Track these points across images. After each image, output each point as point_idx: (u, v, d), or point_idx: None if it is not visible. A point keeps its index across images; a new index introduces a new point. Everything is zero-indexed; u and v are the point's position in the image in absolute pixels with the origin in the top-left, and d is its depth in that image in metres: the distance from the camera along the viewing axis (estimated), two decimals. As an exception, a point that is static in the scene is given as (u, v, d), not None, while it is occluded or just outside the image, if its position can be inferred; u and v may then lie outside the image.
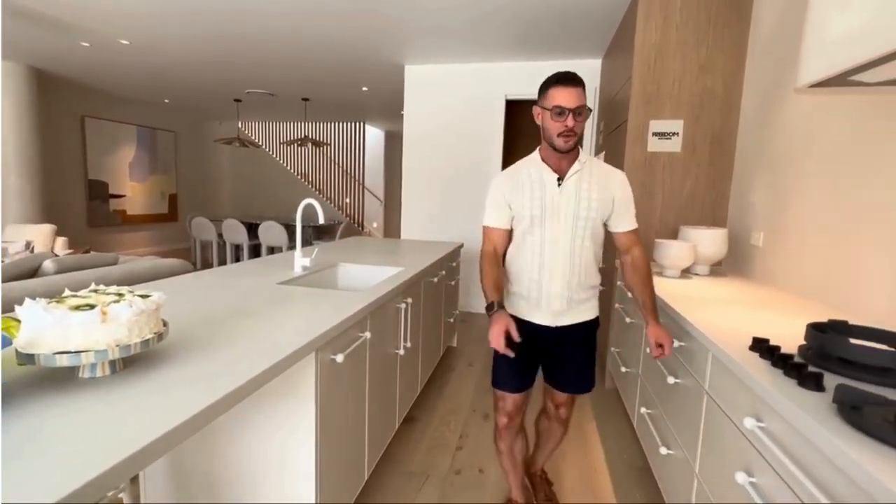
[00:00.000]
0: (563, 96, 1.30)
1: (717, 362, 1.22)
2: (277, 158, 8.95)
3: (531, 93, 4.11)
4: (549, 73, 1.38)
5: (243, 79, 5.31)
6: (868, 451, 0.69)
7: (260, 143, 8.88)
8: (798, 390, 0.90)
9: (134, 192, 7.11)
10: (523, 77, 4.13)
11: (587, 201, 1.39)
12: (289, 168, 8.97)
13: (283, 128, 8.93)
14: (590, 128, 4.04)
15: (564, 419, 1.64)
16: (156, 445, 0.64)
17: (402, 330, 1.84)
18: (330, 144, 8.88)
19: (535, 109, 1.39)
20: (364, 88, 5.67)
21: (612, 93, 3.28)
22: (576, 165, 1.39)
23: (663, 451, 1.55)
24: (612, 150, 3.09)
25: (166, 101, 6.89)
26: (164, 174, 7.69)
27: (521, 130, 5.48)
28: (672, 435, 1.53)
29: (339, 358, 1.27)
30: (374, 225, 9.86)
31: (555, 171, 1.39)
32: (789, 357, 1.01)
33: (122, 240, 7.04)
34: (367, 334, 1.45)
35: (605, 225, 1.47)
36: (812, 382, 0.89)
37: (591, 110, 1.35)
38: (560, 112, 1.30)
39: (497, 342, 1.29)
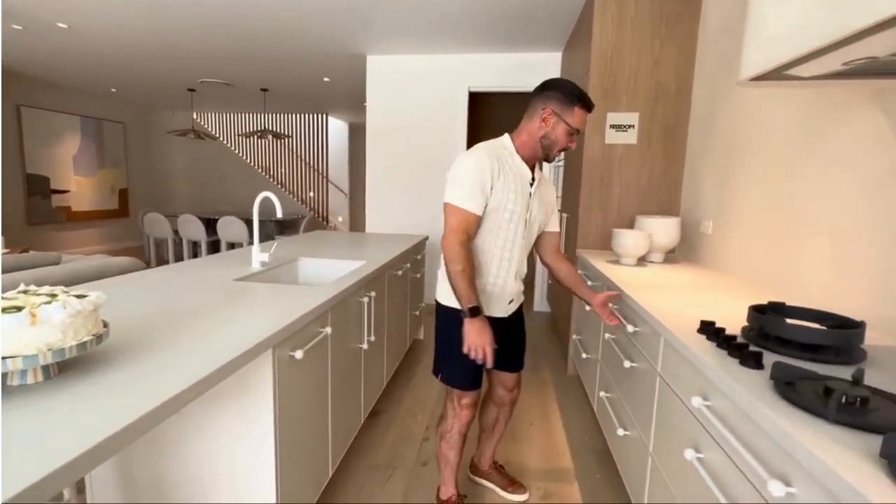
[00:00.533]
0: (583, 120, 1.36)
1: (668, 346, 1.27)
2: (236, 151, 8.64)
3: (494, 85, 4.17)
4: (514, 64, 1.40)
5: (197, 67, 5.07)
6: (800, 422, 0.73)
7: (217, 135, 8.54)
8: (740, 369, 0.95)
9: (80, 187, 6.70)
10: (486, 69, 4.14)
11: (543, 206, 1.49)
12: (248, 161, 8.67)
13: (242, 119, 8.61)
14: (551, 120, 4.10)
15: (515, 399, 1.70)
16: (91, 454, 0.61)
17: (366, 324, 1.83)
18: (291, 137, 8.64)
19: (548, 111, 1.35)
20: (325, 79, 5.54)
21: (571, 86, 3.33)
22: (537, 172, 1.45)
23: (620, 432, 1.61)
24: (573, 142, 3.15)
25: (113, 90, 6.51)
26: (114, 168, 7.29)
27: (484, 123, 5.50)
28: (629, 416, 1.59)
29: (299, 354, 1.25)
30: (340, 219, 9.70)
31: (529, 170, 1.43)
32: (733, 338, 1.06)
33: (68, 238, 6.64)
34: (328, 329, 1.43)
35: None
36: (752, 361, 0.95)
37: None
38: (574, 133, 1.36)
39: (482, 353, 1.27)
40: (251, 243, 5.21)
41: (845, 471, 0.61)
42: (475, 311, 1.28)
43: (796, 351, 1.02)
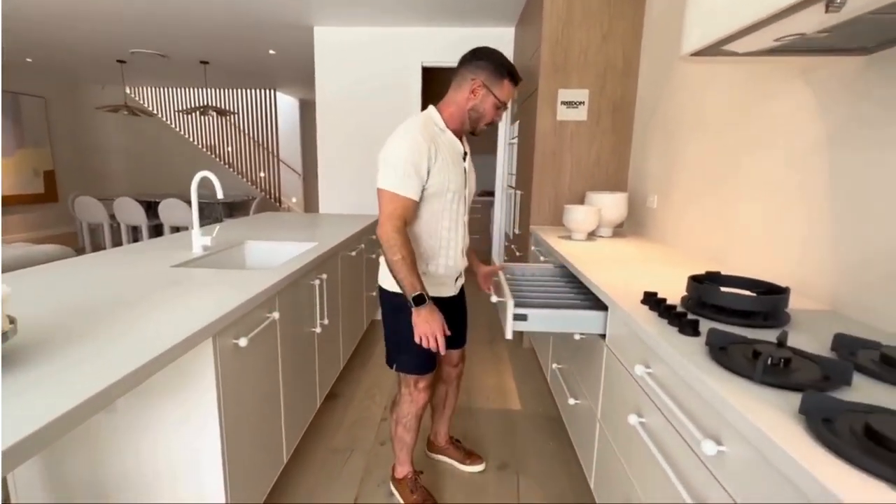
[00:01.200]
0: (511, 94, 1.32)
1: (614, 316, 1.31)
2: (178, 129, 8.10)
3: (448, 60, 4.08)
4: (467, 39, 1.37)
5: (126, 36, 4.66)
6: (730, 385, 0.78)
7: (154, 112, 7.96)
8: (679, 337, 0.99)
9: (-4, 170, 6.08)
10: (440, 43, 4.04)
11: (473, 182, 1.47)
12: (192, 140, 8.16)
13: (182, 95, 8.05)
14: (506, 97, 4.08)
15: (461, 373, 1.72)
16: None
17: (318, 307, 1.78)
18: (236, 113, 8.18)
19: (477, 83, 1.30)
20: (271, 51, 5.24)
21: (524, 61, 3.32)
22: (465, 144, 1.42)
23: (571, 401, 1.67)
24: (526, 118, 3.15)
25: (28, 60, 5.88)
26: (36, 147, 6.66)
27: (438, 99, 5.42)
28: (579, 386, 1.65)
29: (243, 342, 1.20)
30: (294, 200, 9.38)
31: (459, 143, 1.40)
32: (673, 308, 1.10)
33: (-13, 225, 6.05)
34: (276, 315, 1.38)
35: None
36: (689, 329, 0.99)
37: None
38: (500, 107, 1.33)
39: (434, 342, 1.24)
40: (178, 226, 4.95)
41: (769, 428, 0.64)
42: (420, 300, 1.22)
43: (729, 317, 1.07)
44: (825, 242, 1.25)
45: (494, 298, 1.53)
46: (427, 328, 1.23)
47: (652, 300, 1.19)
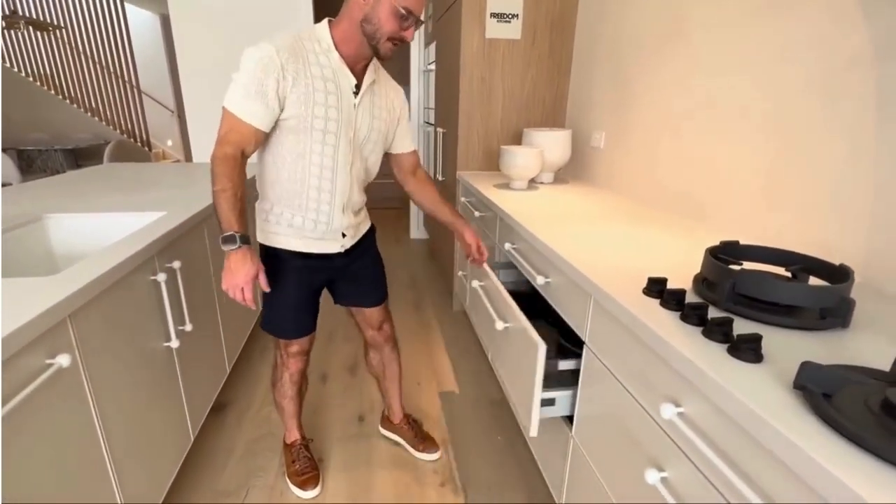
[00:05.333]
0: (416, 0, 1.01)
1: (600, 309, 0.95)
2: (-15, 51, 6.12)
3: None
4: None
5: None
6: (865, 470, 0.43)
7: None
8: (729, 362, 0.64)
9: None
10: (329, -63, 3.18)
11: (378, 120, 1.17)
12: (10, 66, 6.25)
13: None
14: (417, 13, 3.40)
15: (391, 336, 1.49)
16: None
17: (170, 313, 1.21)
18: (65, 28, 6.33)
19: None
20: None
21: (439, -37, 2.68)
22: (370, 74, 1.13)
23: (530, 401, 1.34)
24: (445, 38, 2.58)
25: None
26: None
27: (337, 8, 4.51)
28: (539, 383, 1.31)
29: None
30: (169, 143, 7.85)
31: (351, 72, 1.08)
32: (701, 308, 0.75)
33: None
34: (63, 359, 0.80)
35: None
36: (751, 353, 0.64)
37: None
38: (406, 16, 1.01)
39: (241, 293, 1.03)
40: (24, 181, 3.76)
41: None
42: (230, 240, 1.00)
43: (771, 314, 0.75)
44: (861, 192, 0.96)
45: (541, 280, 1.16)
46: (230, 278, 1.02)
47: (662, 292, 0.83)
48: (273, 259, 1.18)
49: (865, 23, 0.93)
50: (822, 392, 0.54)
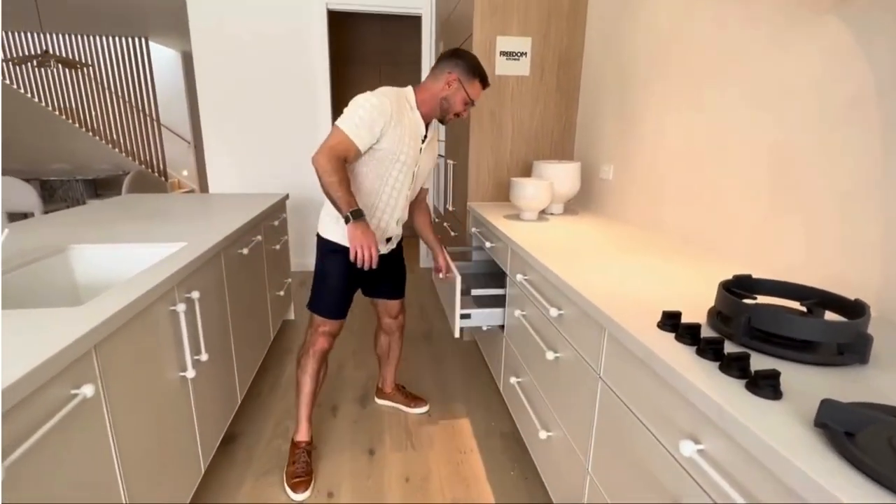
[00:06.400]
0: (479, 94, 1.47)
1: (615, 343, 0.95)
2: (16, 86, 6.42)
3: (361, 2, 3.41)
4: None
5: None
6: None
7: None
8: (747, 398, 0.64)
9: None
10: (346, -19, 3.35)
11: (430, 164, 1.60)
12: (38, 100, 6.54)
13: (12, 40, 6.34)
14: (427, 50, 3.54)
15: (402, 325, 1.87)
16: None
17: (187, 342, 1.22)
18: (93, 66, 6.65)
19: (453, 77, 1.42)
20: (128, -15, 4.14)
21: (451, 5, 2.80)
22: (432, 129, 1.53)
23: (543, 435, 1.32)
24: (456, 74, 2.67)
25: None
26: None
27: (351, 53, 4.69)
28: (554, 419, 1.29)
29: (19, 454, 0.65)
30: (185, 173, 8.06)
31: (424, 125, 1.48)
32: (717, 342, 0.75)
33: None
34: (87, 390, 0.82)
35: None
36: (770, 389, 0.64)
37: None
38: (469, 104, 1.47)
39: (367, 253, 1.28)
40: (49, 212, 3.88)
41: None
42: (358, 214, 1.30)
43: (786, 349, 0.75)
44: (869, 226, 0.97)
45: (555, 312, 1.25)
46: (363, 239, 1.29)
47: (677, 326, 0.83)
48: (332, 252, 1.51)
49: (866, 61, 0.96)
50: (844, 430, 0.54)
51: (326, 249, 1.52)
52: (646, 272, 1.22)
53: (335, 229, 1.50)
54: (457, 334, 1.76)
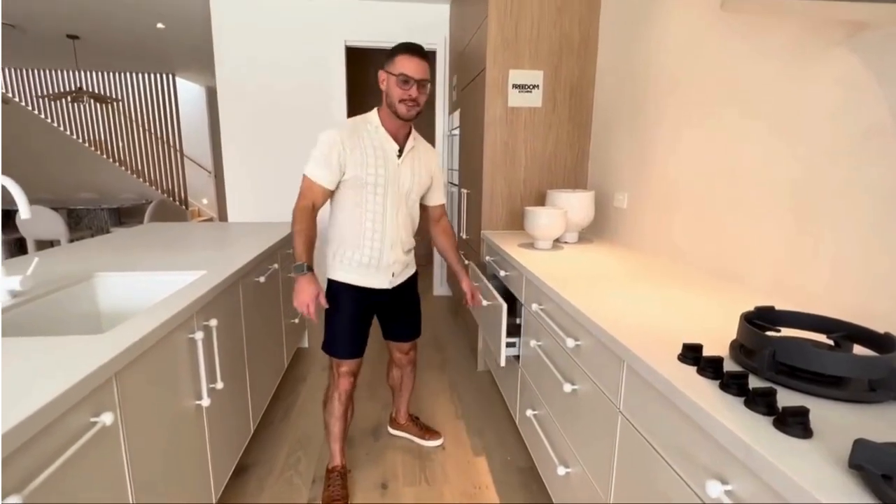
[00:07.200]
0: (410, 66, 1.34)
1: (634, 375, 0.93)
2: (50, 120, 6.75)
3: (378, 39, 3.54)
4: (395, 16, 1.02)
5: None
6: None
7: (11, 97, 6.56)
8: (775, 435, 0.62)
9: None
10: (366, 19, 3.49)
11: (418, 177, 1.50)
12: (69, 133, 6.85)
13: (49, 77, 6.70)
14: (441, 83, 3.64)
15: (414, 360, 1.84)
16: None
17: (204, 370, 1.23)
18: (122, 101, 6.96)
19: (381, 74, 1.38)
20: (160, 25, 4.37)
21: (464, 41, 2.90)
22: (411, 141, 1.47)
23: (562, 471, 1.28)
24: (469, 106, 2.73)
25: None
26: None
27: (368, 85, 4.84)
28: (572, 453, 1.26)
29: (36, 484, 0.66)
30: (205, 201, 8.29)
31: (394, 140, 1.43)
32: (742, 377, 0.73)
33: None
34: (106, 418, 0.83)
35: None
36: (799, 428, 0.61)
37: (430, 83, 1.40)
38: (405, 80, 1.34)
39: (306, 307, 1.35)
40: (75, 240, 4.00)
41: None
42: (300, 269, 1.35)
43: (814, 384, 0.72)
44: (891, 258, 0.94)
45: (571, 342, 1.23)
46: (299, 293, 1.35)
47: (699, 359, 0.81)
48: (335, 291, 1.50)
49: (882, 92, 0.96)
50: (881, 473, 0.52)
51: (333, 290, 1.51)
52: (663, 302, 1.20)
53: (337, 268, 1.50)
54: (503, 363, 1.69)
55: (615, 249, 1.94)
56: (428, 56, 1.38)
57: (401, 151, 1.44)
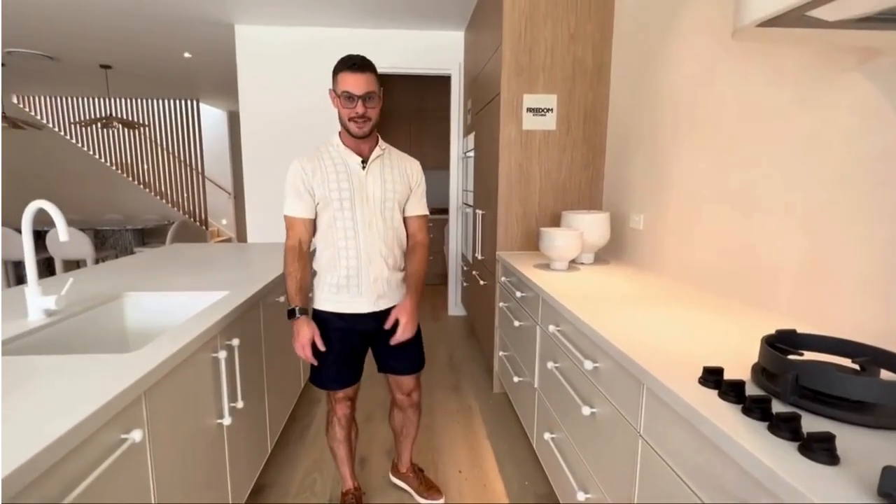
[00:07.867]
0: (350, 82, 1.29)
1: (654, 398, 0.92)
2: (80, 145, 7.04)
3: (391, 66, 3.66)
4: (411, 44, 1.05)
5: (3, 33, 3.83)
6: None
7: (45, 123, 6.87)
8: (801, 462, 0.61)
9: None
10: (383, 47, 3.61)
11: (391, 183, 1.42)
12: (98, 157, 7.13)
13: (81, 104, 7.02)
14: (456, 107, 3.72)
15: (417, 402, 1.64)
16: None
17: (226, 390, 1.26)
18: (148, 126, 7.24)
19: (331, 94, 1.36)
20: (186, 55, 4.57)
21: (478, 66, 2.98)
22: (377, 150, 1.42)
23: (581, 496, 1.26)
24: (484, 129, 2.79)
25: None
26: None
27: (384, 110, 4.97)
28: (591, 478, 1.24)
29: (72, 497, 0.68)
30: (224, 222, 8.48)
31: (357, 154, 1.39)
32: (765, 401, 0.72)
33: None
34: (136, 435, 0.85)
35: None
36: (825, 455, 0.61)
37: (380, 97, 1.36)
38: (349, 97, 1.30)
39: (305, 352, 1.35)
40: (101, 260, 4.12)
41: None
42: (291, 314, 1.35)
43: (840, 411, 0.71)
44: (920, 283, 0.93)
45: (589, 364, 1.21)
46: (299, 339, 1.35)
47: (723, 385, 0.81)
48: (319, 321, 1.42)
49: (894, 115, 0.97)
50: (911, 502, 0.51)
51: (317, 320, 1.41)
52: (682, 324, 1.20)
53: (318, 297, 1.44)
54: (536, 384, 1.71)
55: (632, 271, 1.94)
56: (372, 66, 1.31)
57: (364, 162, 1.38)
